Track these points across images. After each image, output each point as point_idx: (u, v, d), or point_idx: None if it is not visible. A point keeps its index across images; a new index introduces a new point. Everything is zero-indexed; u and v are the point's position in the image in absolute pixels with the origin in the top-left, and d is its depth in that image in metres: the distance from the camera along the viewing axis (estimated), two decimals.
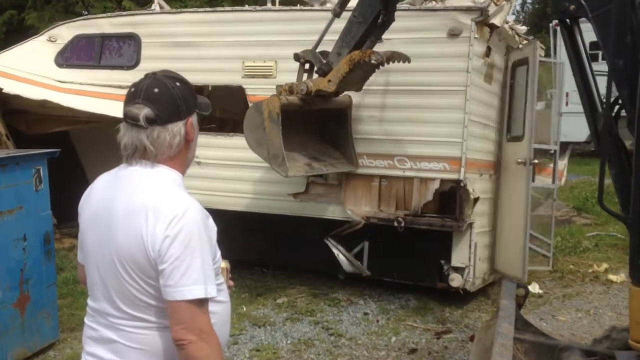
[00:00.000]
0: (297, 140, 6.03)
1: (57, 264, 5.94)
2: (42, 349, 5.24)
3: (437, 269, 6.37)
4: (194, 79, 2.85)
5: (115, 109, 6.48)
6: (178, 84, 2.20)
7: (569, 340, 5.07)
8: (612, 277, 7.05)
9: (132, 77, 7.08)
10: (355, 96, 6.24)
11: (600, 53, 15.56)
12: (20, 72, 7.68)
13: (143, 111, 2.09)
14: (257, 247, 7.10)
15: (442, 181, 6.19)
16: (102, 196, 2.20)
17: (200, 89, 7.03)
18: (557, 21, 17.16)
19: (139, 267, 2.07)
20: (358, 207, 6.49)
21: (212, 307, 2.11)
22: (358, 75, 5.75)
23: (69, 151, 8.37)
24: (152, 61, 7.18)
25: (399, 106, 6.33)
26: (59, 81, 7.67)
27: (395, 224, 6.26)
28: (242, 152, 6.43)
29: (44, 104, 7.46)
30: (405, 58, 5.58)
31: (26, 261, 4.98)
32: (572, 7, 3.15)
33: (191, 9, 9.13)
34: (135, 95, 2.14)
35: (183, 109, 2.18)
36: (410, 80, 6.18)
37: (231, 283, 2.41)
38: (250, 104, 6.41)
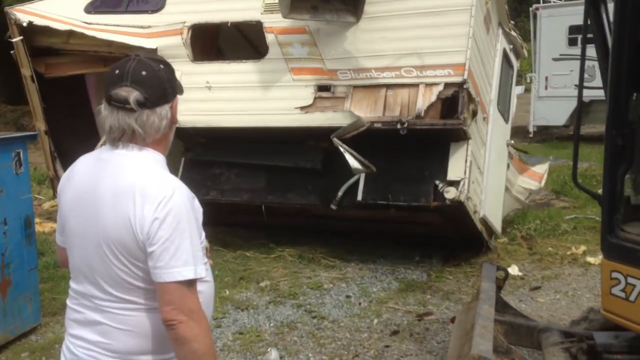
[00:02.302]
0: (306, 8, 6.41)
1: (38, 248, 5.91)
2: (24, 333, 5.24)
3: (432, 189, 6.42)
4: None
5: (137, 43, 7.35)
6: (162, 66, 2.19)
7: (548, 322, 5.15)
8: (590, 259, 7.16)
9: (157, 19, 7.58)
10: (366, 20, 6.64)
11: (579, 37, 15.67)
12: (49, 14, 7.90)
13: (133, 94, 2.08)
14: (253, 183, 7.17)
15: (446, 85, 6.34)
16: (86, 178, 2.19)
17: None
18: (536, 5, 17.23)
19: (127, 250, 2.08)
20: (363, 114, 6.54)
21: (198, 286, 2.13)
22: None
23: (83, 100, 8.74)
24: (176, 5, 7.56)
25: (408, 27, 6.55)
26: (86, 22, 7.89)
27: (398, 125, 6.29)
28: (253, 75, 6.96)
29: (69, 35, 7.72)
30: None
31: (7, 245, 4.96)
32: None
33: None
34: (121, 77, 2.11)
35: (169, 91, 2.18)
36: (422, 4, 6.53)
37: (210, 262, 2.42)
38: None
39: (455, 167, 6.38)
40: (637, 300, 3.00)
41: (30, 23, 7.62)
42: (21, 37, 7.66)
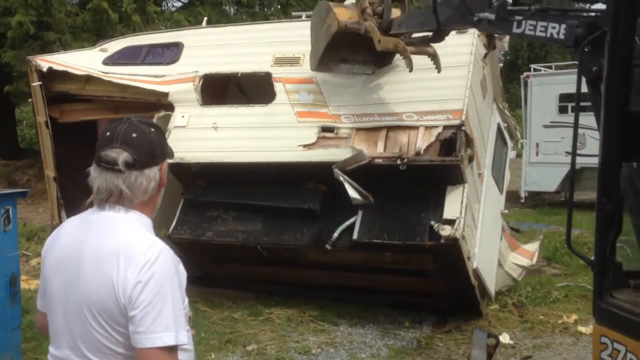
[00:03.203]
0: (342, 50, 6.87)
1: (23, 305, 5.81)
2: None
3: (427, 229, 6.44)
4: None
5: (150, 87, 7.86)
6: (153, 129, 2.21)
7: None
8: (581, 328, 7.08)
9: (171, 69, 8.06)
10: (375, 74, 7.24)
11: (569, 105, 15.95)
12: (69, 63, 8.45)
13: (122, 155, 2.09)
14: (250, 225, 7.21)
15: (445, 127, 6.62)
16: (71, 241, 2.17)
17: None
18: (527, 73, 17.63)
19: (108, 314, 2.04)
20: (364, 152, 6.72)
21: (179, 355, 2.09)
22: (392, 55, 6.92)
23: (93, 149, 9.16)
24: (191, 58, 8.16)
25: (411, 80, 6.94)
26: (103, 72, 8.36)
27: (398, 161, 6.49)
28: (259, 117, 7.38)
29: (86, 81, 8.18)
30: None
31: None
32: (595, 69, 3.47)
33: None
34: (111, 139, 2.13)
35: (159, 154, 2.19)
36: (425, 61, 6.71)
37: (193, 332, 2.38)
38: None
39: (451, 207, 6.49)
40: None
41: (50, 69, 8.09)
42: (40, 83, 8.07)
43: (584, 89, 3.51)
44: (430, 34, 6.19)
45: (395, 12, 6.56)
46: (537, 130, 16.18)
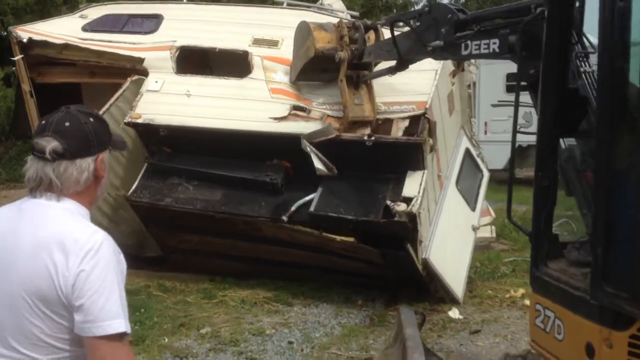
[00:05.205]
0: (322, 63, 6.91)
1: None
2: None
3: (382, 207, 6.59)
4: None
5: (126, 54, 7.97)
6: (91, 119, 2.16)
7: None
8: (528, 302, 7.28)
9: (149, 39, 8.09)
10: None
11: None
12: (48, 31, 8.50)
13: (51, 144, 2.05)
14: (209, 194, 7.24)
15: (410, 118, 6.88)
16: (4, 229, 2.11)
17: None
18: None
19: (47, 304, 1.99)
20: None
21: None
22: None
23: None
24: (169, 30, 8.21)
25: (382, 83, 7.09)
26: (81, 38, 8.39)
27: (365, 137, 6.68)
28: (233, 89, 7.47)
29: (63, 47, 8.23)
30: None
31: None
32: (533, 71, 3.63)
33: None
34: (45, 127, 2.09)
35: (94, 144, 2.13)
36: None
37: None
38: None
39: (410, 187, 6.68)
40: (551, 332, 3.14)
41: (30, 39, 8.21)
42: (22, 56, 8.30)
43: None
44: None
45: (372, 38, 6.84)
46: (485, 109, 16.45)
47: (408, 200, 6.57)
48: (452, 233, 7.60)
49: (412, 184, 6.70)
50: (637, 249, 2.62)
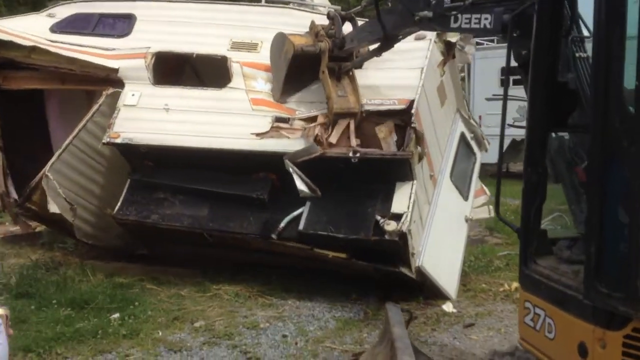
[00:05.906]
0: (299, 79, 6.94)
1: None
2: None
3: (372, 224, 6.52)
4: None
5: (100, 62, 7.58)
6: None
7: None
8: None
9: (122, 43, 7.83)
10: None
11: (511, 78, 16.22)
12: (15, 30, 8.08)
13: None
14: (196, 210, 7.18)
15: (393, 112, 6.73)
16: None
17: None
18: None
19: None
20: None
21: None
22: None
23: (40, 118, 8.91)
24: (143, 33, 7.97)
25: (367, 76, 7.03)
26: (50, 40, 8.04)
27: (350, 154, 6.54)
28: (213, 101, 7.30)
29: (31, 50, 7.83)
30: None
31: None
32: (525, 52, 3.62)
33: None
34: None
35: None
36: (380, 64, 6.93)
37: (10, 332, 2.32)
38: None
39: (399, 202, 6.56)
40: (542, 330, 3.11)
41: None
42: None
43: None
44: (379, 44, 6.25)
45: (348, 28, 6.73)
46: (480, 103, 16.47)
47: (397, 217, 6.45)
48: (446, 230, 7.53)
49: (401, 198, 6.58)
50: (631, 249, 2.59)
